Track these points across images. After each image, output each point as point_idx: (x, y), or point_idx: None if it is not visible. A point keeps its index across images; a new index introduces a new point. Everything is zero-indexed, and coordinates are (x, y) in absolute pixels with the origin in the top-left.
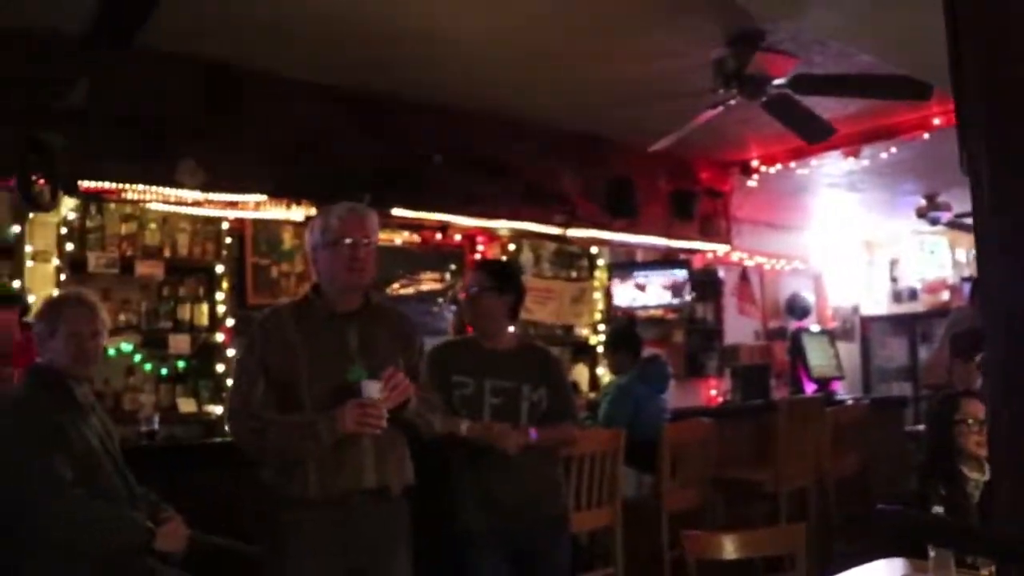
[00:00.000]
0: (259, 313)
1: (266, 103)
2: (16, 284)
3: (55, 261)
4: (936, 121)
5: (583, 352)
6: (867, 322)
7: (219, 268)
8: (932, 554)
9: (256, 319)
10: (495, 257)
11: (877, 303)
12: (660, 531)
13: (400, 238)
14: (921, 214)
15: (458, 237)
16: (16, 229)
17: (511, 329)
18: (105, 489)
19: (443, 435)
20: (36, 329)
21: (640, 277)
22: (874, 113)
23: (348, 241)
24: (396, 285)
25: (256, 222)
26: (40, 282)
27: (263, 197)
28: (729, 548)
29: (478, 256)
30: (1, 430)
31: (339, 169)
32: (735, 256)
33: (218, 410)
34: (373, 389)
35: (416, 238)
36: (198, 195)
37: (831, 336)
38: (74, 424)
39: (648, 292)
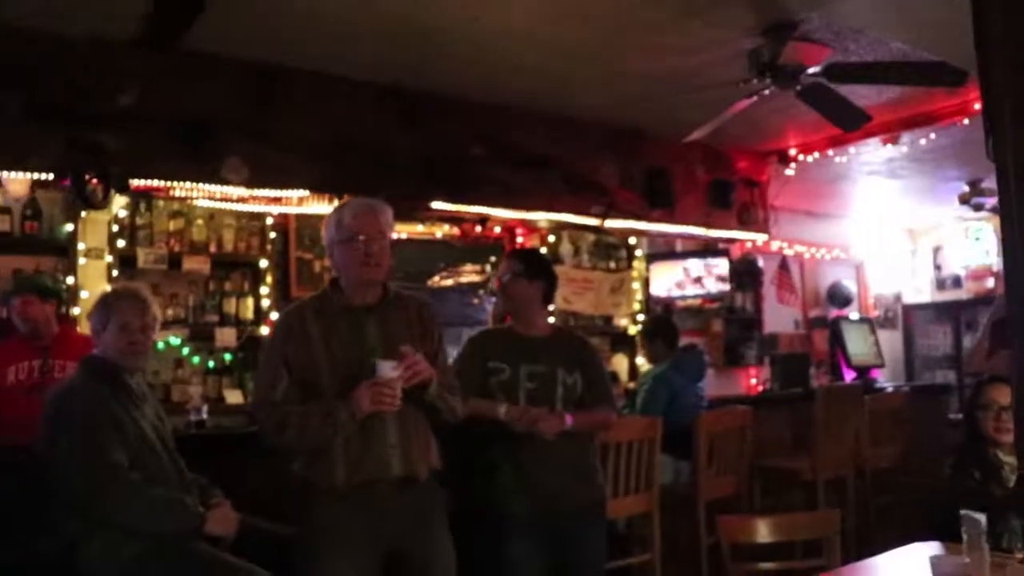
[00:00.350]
0: (283, 308)
1: (308, 100)
2: (70, 280)
3: (107, 258)
4: (976, 106)
5: (622, 342)
6: (910, 310)
7: (263, 263)
8: (965, 537)
9: (279, 315)
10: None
11: (920, 291)
12: (697, 518)
13: (440, 231)
14: (964, 200)
15: (498, 229)
16: (69, 227)
17: (551, 320)
18: (158, 474)
19: (478, 419)
20: (92, 321)
21: (680, 267)
22: (912, 100)
23: (361, 237)
24: (437, 277)
25: (299, 217)
26: (93, 278)
27: (306, 192)
28: (763, 532)
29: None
30: (60, 419)
31: (380, 164)
32: (774, 245)
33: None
34: (387, 368)
35: (456, 231)
36: (243, 191)
37: (871, 324)
38: (128, 412)
39: (696, 282)
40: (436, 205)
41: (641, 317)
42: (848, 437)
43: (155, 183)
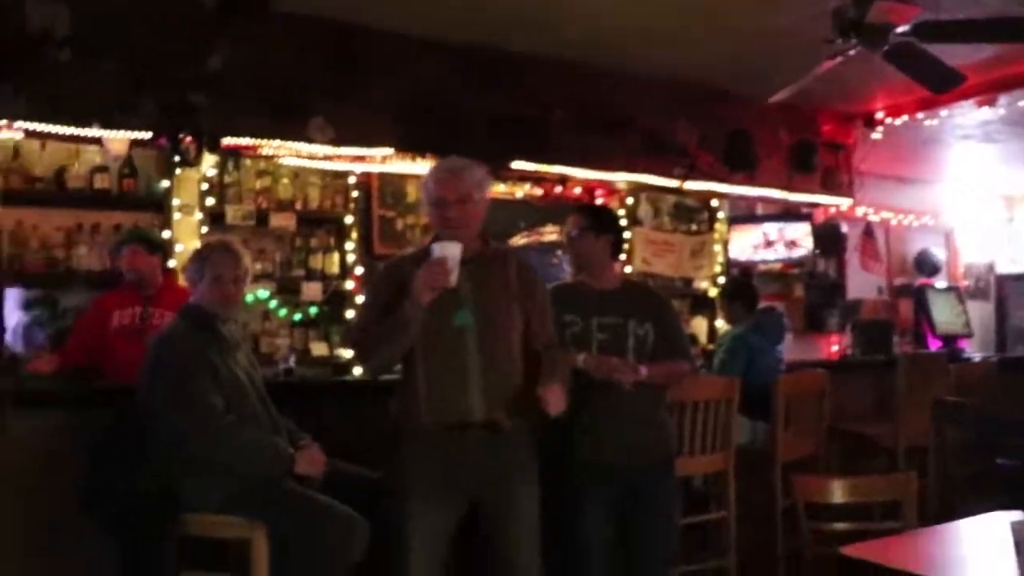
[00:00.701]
0: (384, 261)
1: (392, 61)
2: (166, 234)
3: (197, 214)
4: None
5: (702, 305)
6: (1004, 280)
7: (348, 219)
8: None
9: (381, 266)
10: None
11: (1015, 261)
12: (773, 479)
13: (521, 191)
14: None
15: (578, 190)
16: (165, 184)
17: (627, 269)
18: (250, 417)
19: None
20: (187, 272)
21: (760, 230)
22: (1010, 59)
23: (443, 201)
24: (518, 237)
25: (382, 175)
26: (186, 233)
27: (389, 151)
28: (838, 493)
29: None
30: (159, 365)
31: (461, 123)
32: (859, 211)
33: (348, 354)
34: (440, 248)
35: (537, 191)
36: (328, 150)
37: (959, 293)
38: (222, 359)
39: (768, 246)
40: (516, 165)
41: (722, 280)
42: (931, 405)
43: (244, 141)
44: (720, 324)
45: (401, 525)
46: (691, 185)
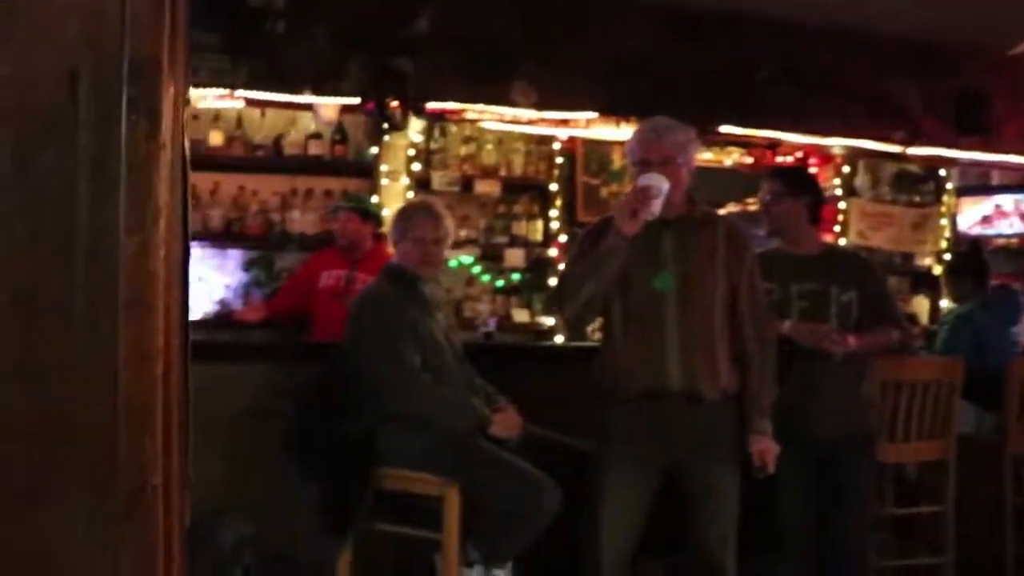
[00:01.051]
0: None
1: (596, 23)
2: (374, 199)
3: (404, 180)
4: None
5: (925, 283)
6: None
7: (553, 186)
8: None
9: (585, 228)
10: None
11: None
12: (1002, 473)
13: (730, 159)
14: None
15: (789, 158)
16: (374, 151)
17: (842, 242)
18: (447, 376)
19: None
20: (390, 233)
21: (991, 202)
22: None
23: (645, 162)
24: (724, 208)
25: (586, 142)
26: (392, 199)
27: (593, 115)
28: None
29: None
30: (363, 323)
31: (667, 86)
32: None
33: (550, 321)
34: (646, 178)
35: (747, 159)
36: (531, 114)
37: None
38: (421, 317)
39: (1004, 218)
40: (723, 129)
41: (948, 257)
42: None
43: (448, 106)
44: (945, 304)
45: (596, 491)
46: (915, 151)
